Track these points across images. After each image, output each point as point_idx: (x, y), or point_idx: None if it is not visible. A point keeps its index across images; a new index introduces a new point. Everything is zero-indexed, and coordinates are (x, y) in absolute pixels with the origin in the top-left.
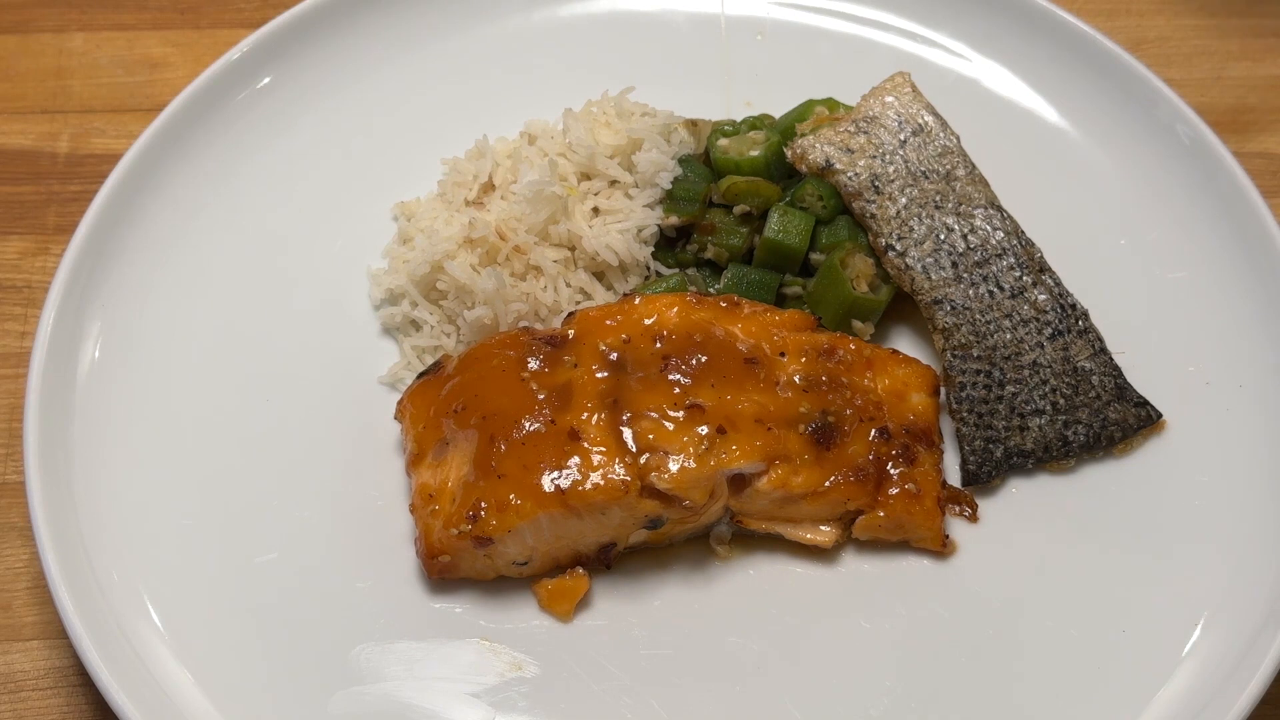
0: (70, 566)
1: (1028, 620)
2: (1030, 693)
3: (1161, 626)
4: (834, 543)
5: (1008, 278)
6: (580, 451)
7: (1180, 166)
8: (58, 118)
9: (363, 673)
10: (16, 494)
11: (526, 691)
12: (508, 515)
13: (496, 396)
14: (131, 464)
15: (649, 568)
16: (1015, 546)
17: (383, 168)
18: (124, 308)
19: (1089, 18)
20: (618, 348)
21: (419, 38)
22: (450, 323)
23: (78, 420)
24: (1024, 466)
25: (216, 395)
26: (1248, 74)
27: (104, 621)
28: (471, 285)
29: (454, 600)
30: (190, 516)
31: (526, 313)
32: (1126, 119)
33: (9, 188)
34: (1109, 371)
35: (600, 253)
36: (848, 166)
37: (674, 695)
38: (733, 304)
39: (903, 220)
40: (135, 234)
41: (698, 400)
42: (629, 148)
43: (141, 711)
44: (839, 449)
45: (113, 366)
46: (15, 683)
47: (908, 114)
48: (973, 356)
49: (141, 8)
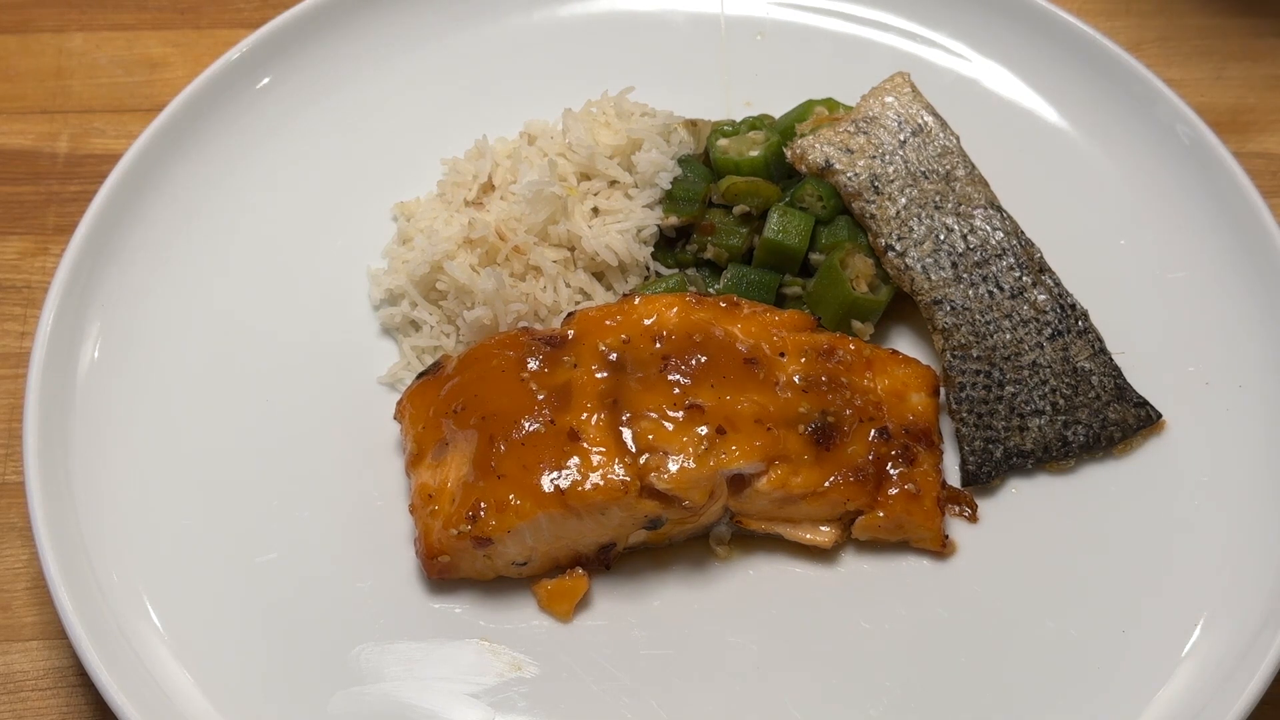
0: (70, 566)
1: (1027, 620)
2: (1030, 692)
3: (1161, 626)
4: (834, 543)
5: (1007, 278)
6: (580, 452)
7: (1180, 166)
8: (57, 118)
9: (363, 673)
10: (16, 494)
11: (526, 692)
12: (507, 515)
13: (496, 397)
14: (131, 464)
15: (649, 568)
16: (1015, 546)
17: (382, 168)
18: (124, 308)
19: (1089, 18)
20: (617, 348)
21: (419, 38)
22: (450, 323)
23: (77, 420)
24: (1024, 466)
25: (216, 395)
26: (1248, 74)
27: (103, 621)
28: (471, 285)
29: (454, 600)
30: (190, 516)
31: (526, 313)
32: (1126, 119)
33: (9, 188)
34: (1109, 372)
35: (600, 253)
36: (847, 167)
37: (674, 695)
38: (732, 304)
39: (902, 220)
40: (135, 234)
41: (697, 400)
42: (629, 148)
43: (141, 712)
44: (839, 449)
45: (113, 366)
46: (15, 683)
47: (907, 114)
48: (972, 357)
49: (141, 8)
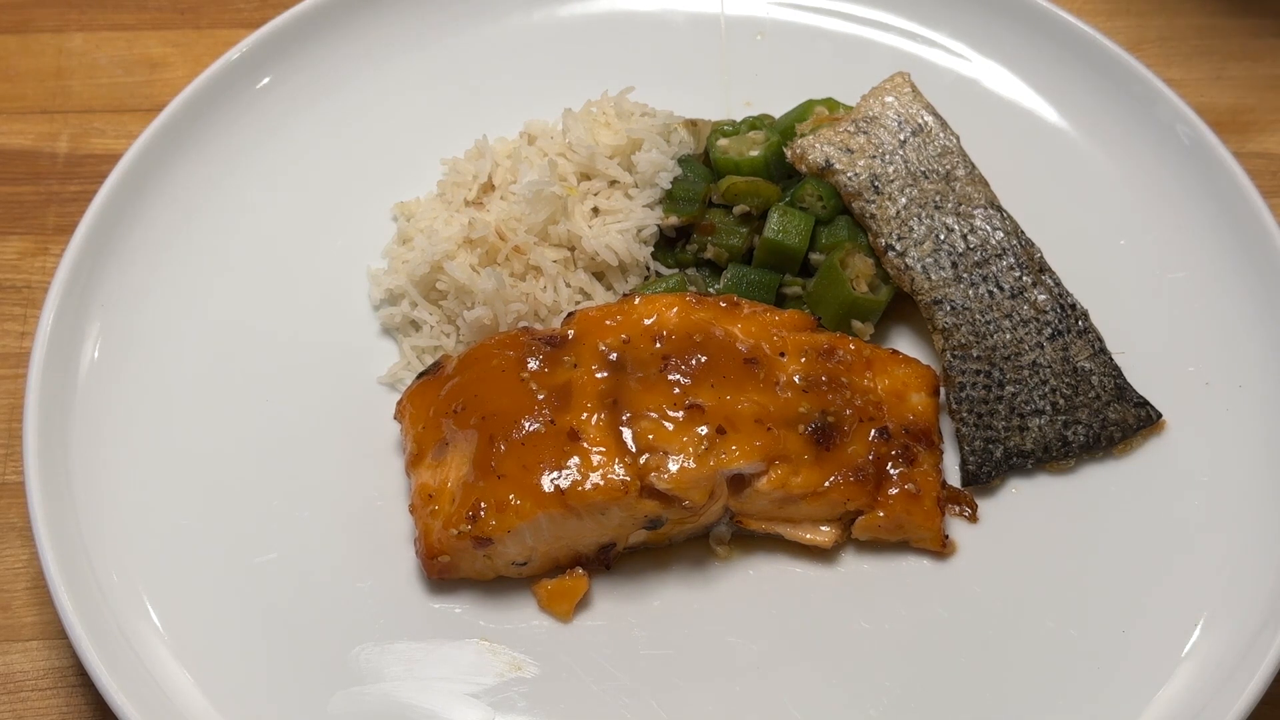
0: (70, 566)
1: (1027, 620)
2: (1030, 693)
3: (1161, 626)
4: (834, 543)
5: (1007, 278)
6: (580, 452)
7: (1180, 166)
8: (57, 118)
9: (363, 673)
10: (16, 494)
11: (526, 692)
12: (507, 515)
13: (496, 396)
14: (131, 464)
15: (649, 568)
16: (1015, 546)
17: (382, 168)
18: (124, 308)
19: (1089, 18)
20: (617, 348)
21: (419, 38)
22: (450, 323)
23: (78, 420)
24: (1024, 466)
25: (216, 395)
26: (1248, 74)
27: (103, 621)
28: (471, 285)
29: (454, 600)
30: (190, 516)
31: (526, 313)
32: (1126, 119)
33: (9, 188)
34: (1109, 372)
35: (600, 253)
36: (847, 166)
37: (674, 695)
38: (732, 304)
39: (902, 220)
40: (135, 234)
41: (697, 400)
42: (629, 148)
43: (141, 712)
44: (839, 449)
45: (112, 366)
46: (15, 683)
47: (907, 114)
48: (972, 357)
49: (141, 8)
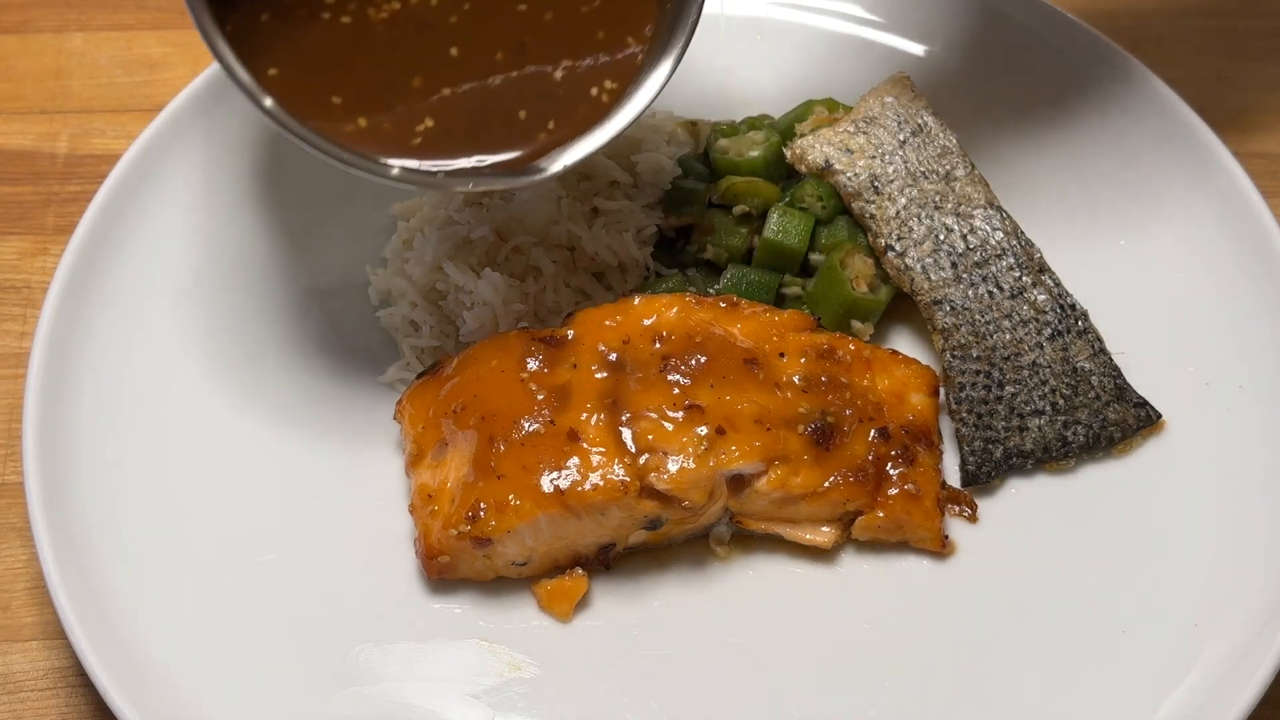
0: (69, 566)
1: (1027, 620)
2: (1030, 693)
3: (1161, 626)
4: (833, 543)
5: (1007, 278)
6: (580, 452)
7: (1180, 166)
8: (57, 118)
9: (362, 673)
10: (16, 494)
11: (525, 692)
12: (507, 516)
13: (496, 397)
14: (131, 464)
15: (648, 568)
16: (1015, 546)
17: None
18: (124, 308)
19: (1089, 18)
20: (617, 348)
21: None
22: (450, 323)
23: (78, 420)
24: (1023, 467)
25: (215, 395)
26: (1248, 74)
27: (103, 621)
28: (471, 286)
29: (453, 600)
30: (189, 517)
31: (526, 313)
32: (1126, 119)
33: (8, 188)
34: (1108, 372)
35: (600, 253)
36: (847, 167)
37: (674, 695)
38: (732, 304)
39: (902, 220)
40: (135, 234)
41: (697, 401)
42: (628, 148)
43: (141, 712)
44: (838, 449)
45: (112, 366)
46: (14, 683)
47: (907, 114)
48: (972, 357)
49: (141, 8)
